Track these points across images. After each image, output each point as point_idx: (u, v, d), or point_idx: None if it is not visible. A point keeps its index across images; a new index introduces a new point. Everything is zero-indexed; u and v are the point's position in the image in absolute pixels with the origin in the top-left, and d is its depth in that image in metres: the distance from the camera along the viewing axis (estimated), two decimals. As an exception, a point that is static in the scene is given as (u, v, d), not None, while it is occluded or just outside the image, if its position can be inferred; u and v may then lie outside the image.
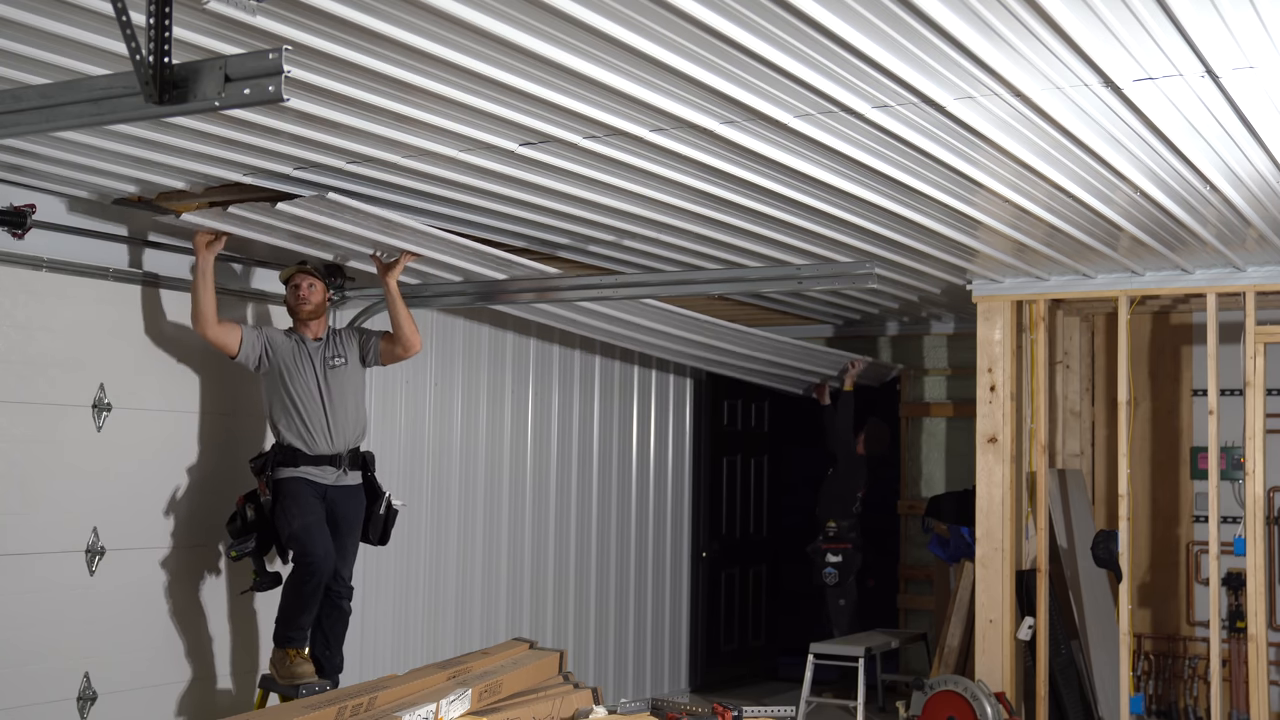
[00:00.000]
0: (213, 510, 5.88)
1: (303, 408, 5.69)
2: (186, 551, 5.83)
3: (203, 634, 5.89)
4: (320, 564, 5.56)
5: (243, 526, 5.72)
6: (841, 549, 8.86)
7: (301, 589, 5.58)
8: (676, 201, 5.29)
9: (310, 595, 5.59)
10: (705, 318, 7.51)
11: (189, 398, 5.87)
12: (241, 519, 5.73)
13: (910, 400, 9.60)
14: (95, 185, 5.12)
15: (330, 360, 5.80)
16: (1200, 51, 3.52)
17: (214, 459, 5.95)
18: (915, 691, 7.29)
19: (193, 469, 5.88)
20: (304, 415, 5.69)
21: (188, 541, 5.83)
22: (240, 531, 5.72)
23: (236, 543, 5.69)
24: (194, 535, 5.85)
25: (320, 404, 5.73)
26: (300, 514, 5.60)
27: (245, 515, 5.71)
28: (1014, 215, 5.55)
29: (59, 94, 3.05)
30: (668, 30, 3.40)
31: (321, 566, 5.57)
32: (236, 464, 5.96)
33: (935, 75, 3.73)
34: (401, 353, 5.92)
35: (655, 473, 9.09)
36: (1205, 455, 7.60)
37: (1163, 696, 8.39)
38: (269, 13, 3.25)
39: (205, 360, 5.90)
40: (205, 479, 5.91)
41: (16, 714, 5.12)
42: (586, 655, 8.34)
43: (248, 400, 6.05)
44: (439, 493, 7.17)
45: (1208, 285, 6.91)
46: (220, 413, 5.99)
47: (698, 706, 5.51)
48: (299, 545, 5.58)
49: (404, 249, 5.68)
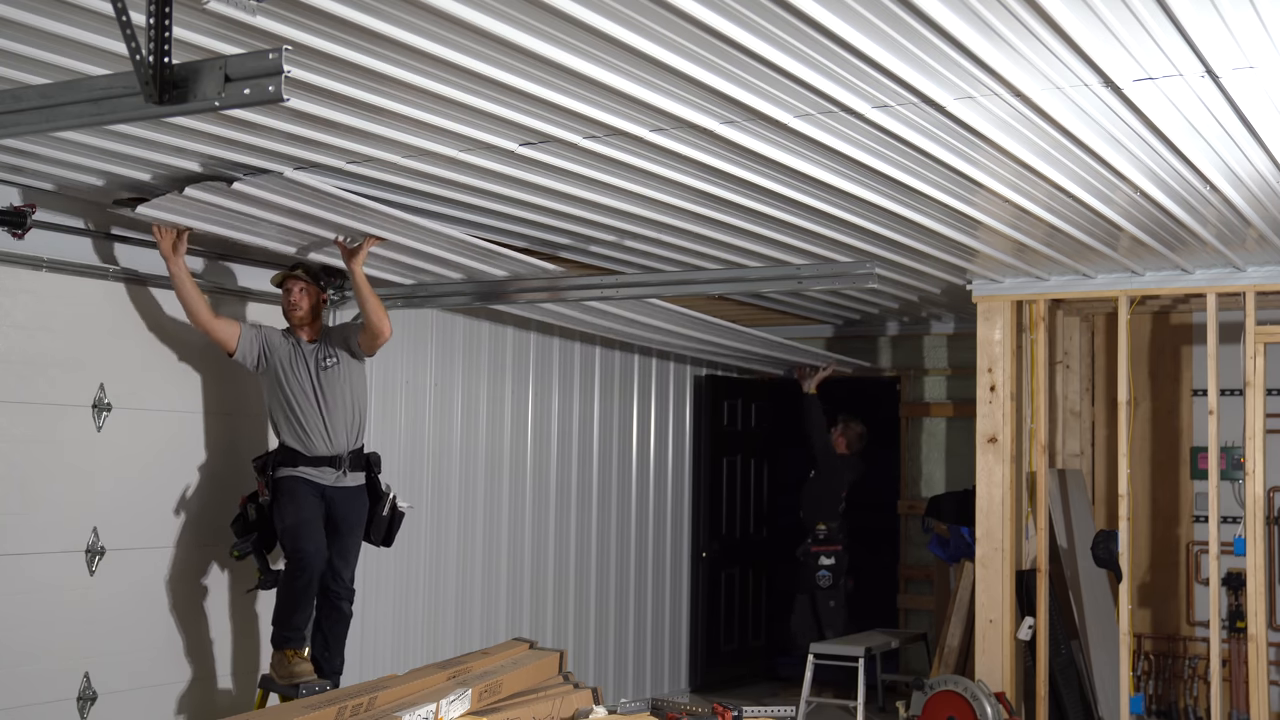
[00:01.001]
0: (213, 510, 5.88)
1: (299, 409, 5.69)
2: (186, 551, 5.83)
3: (203, 634, 5.89)
4: (310, 560, 5.56)
5: (244, 526, 5.73)
6: (833, 550, 8.85)
7: (293, 585, 5.58)
8: (676, 201, 5.29)
9: (301, 592, 5.58)
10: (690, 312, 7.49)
11: (189, 398, 5.87)
12: (243, 519, 5.75)
13: (910, 400, 9.60)
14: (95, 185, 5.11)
15: (323, 362, 5.80)
16: (1200, 51, 3.52)
17: (214, 459, 5.95)
18: (915, 691, 7.29)
19: (193, 469, 5.88)
20: (300, 417, 5.69)
21: (188, 541, 5.83)
22: (242, 531, 5.74)
23: (238, 542, 5.71)
24: (194, 535, 5.85)
25: (316, 406, 5.73)
26: (294, 510, 5.61)
27: (247, 515, 5.73)
28: (1014, 215, 5.55)
29: (59, 94, 3.06)
30: (668, 30, 3.40)
31: (312, 563, 5.56)
32: (237, 464, 5.97)
33: (935, 75, 3.73)
34: (370, 341, 5.77)
35: (655, 472, 9.09)
36: (1205, 455, 7.60)
37: (1163, 696, 8.39)
38: (269, 13, 3.25)
39: (205, 360, 5.90)
40: (205, 479, 5.91)
41: (16, 714, 5.11)
42: (586, 655, 8.33)
43: (248, 400, 6.05)
44: (439, 493, 7.17)
45: (1208, 285, 6.91)
46: (220, 413, 5.99)
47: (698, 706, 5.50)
48: (290, 540, 5.59)
49: (368, 233, 5.48)
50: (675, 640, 9.28)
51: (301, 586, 5.58)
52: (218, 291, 5.98)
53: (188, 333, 5.78)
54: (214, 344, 5.70)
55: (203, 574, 5.91)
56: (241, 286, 6.13)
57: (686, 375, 9.44)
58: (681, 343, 8.27)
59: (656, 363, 9.09)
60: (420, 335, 6.99)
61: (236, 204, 5.10)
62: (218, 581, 5.96)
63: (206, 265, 5.99)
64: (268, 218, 5.29)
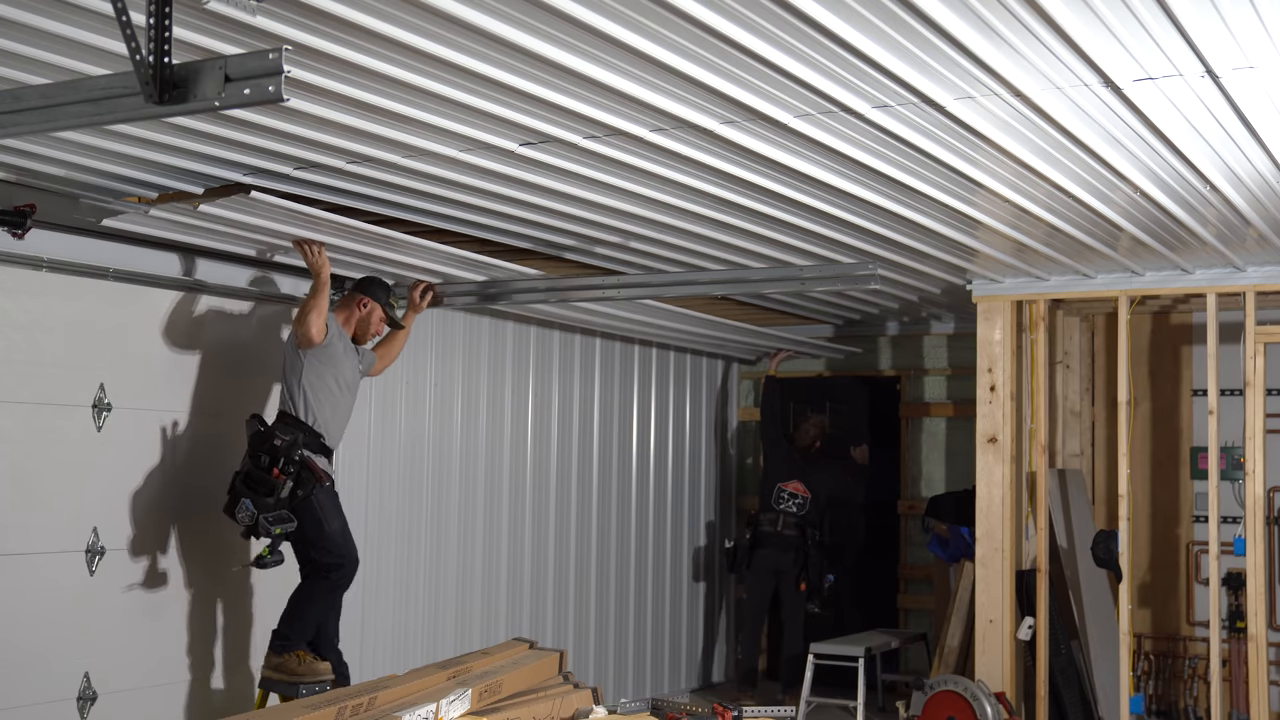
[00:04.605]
0: (213, 510, 5.87)
1: (335, 398, 5.73)
2: (186, 551, 5.83)
3: (203, 634, 5.89)
4: (354, 569, 5.62)
5: (278, 503, 5.44)
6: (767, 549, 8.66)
7: (337, 592, 5.61)
8: (677, 202, 5.28)
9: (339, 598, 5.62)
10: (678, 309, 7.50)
11: (189, 397, 5.87)
12: (276, 494, 5.44)
13: (910, 400, 9.60)
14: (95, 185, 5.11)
15: (359, 366, 5.93)
16: (1200, 51, 3.52)
17: (214, 459, 5.94)
18: (915, 691, 7.29)
19: (193, 469, 5.87)
20: (331, 407, 5.71)
21: (188, 541, 5.83)
22: (276, 506, 5.44)
23: (279, 521, 5.42)
24: (194, 535, 5.85)
25: (349, 400, 5.80)
26: (337, 513, 5.61)
27: (281, 491, 5.45)
28: (1014, 215, 5.55)
29: (59, 94, 3.06)
30: (668, 30, 3.40)
31: (354, 572, 5.63)
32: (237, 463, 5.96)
33: (935, 75, 3.73)
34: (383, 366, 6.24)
35: (655, 471, 9.09)
36: (1205, 455, 7.60)
37: (1163, 696, 8.39)
38: (269, 13, 3.25)
39: (205, 360, 5.90)
40: (205, 479, 5.90)
41: (16, 714, 5.11)
42: (586, 655, 8.34)
43: (248, 400, 6.05)
44: (439, 492, 7.17)
45: (1208, 285, 6.91)
46: (220, 413, 5.99)
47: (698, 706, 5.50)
48: (336, 548, 5.56)
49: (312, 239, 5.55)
50: (675, 640, 9.28)
51: (341, 593, 5.60)
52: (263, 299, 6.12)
53: (188, 333, 5.78)
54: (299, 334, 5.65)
55: (203, 574, 5.91)
56: (285, 294, 6.28)
57: (686, 364, 9.44)
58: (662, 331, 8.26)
59: (656, 352, 9.09)
60: (420, 334, 6.99)
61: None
62: (218, 581, 5.96)
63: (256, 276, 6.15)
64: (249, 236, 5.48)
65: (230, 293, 6.03)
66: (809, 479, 8.71)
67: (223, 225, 5.31)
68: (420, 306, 6.19)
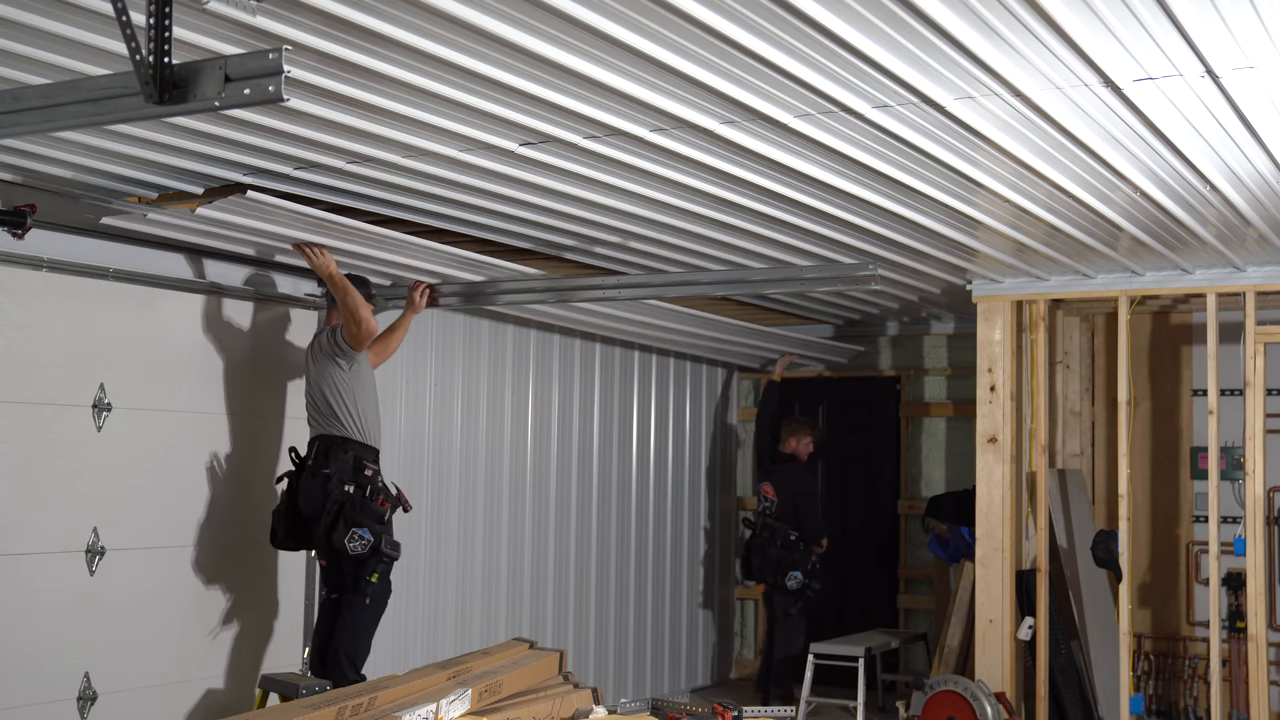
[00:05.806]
0: (213, 510, 5.88)
1: (376, 401, 5.80)
2: (187, 551, 5.83)
3: (203, 634, 5.89)
4: None
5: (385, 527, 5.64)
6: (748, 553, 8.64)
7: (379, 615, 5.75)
8: (677, 202, 5.29)
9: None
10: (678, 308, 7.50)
11: (189, 397, 5.86)
12: (385, 520, 5.65)
13: (910, 400, 9.60)
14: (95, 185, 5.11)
15: None
16: (1200, 51, 3.52)
17: (214, 459, 5.94)
18: (915, 691, 7.29)
19: (193, 469, 5.87)
20: (377, 410, 5.79)
21: (188, 541, 5.83)
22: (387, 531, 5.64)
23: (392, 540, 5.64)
24: (194, 535, 5.85)
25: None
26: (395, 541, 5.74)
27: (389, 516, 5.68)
28: (1014, 215, 5.55)
29: (59, 94, 3.06)
30: (668, 30, 3.40)
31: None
32: (237, 464, 5.97)
33: (935, 75, 3.73)
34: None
35: (655, 474, 9.08)
36: (1205, 455, 7.60)
37: (1163, 696, 8.39)
38: (269, 13, 3.25)
39: (205, 360, 5.90)
40: (205, 479, 5.90)
41: (16, 714, 5.11)
42: (586, 655, 8.33)
43: (247, 401, 6.05)
44: (439, 492, 7.17)
45: (1208, 285, 6.91)
46: (220, 412, 5.98)
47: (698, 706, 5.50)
48: (389, 565, 5.69)
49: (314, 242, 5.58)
50: (675, 640, 9.28)
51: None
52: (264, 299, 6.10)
53: (187, 333, 5.77)
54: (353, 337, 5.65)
55: (203, 574, 5.91)
56: (282, 293, 6.25)
57: (687, 371, 9.44)
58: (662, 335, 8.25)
59: (656, 359, 9.10)
60: (421, 334, 6.99)
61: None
62: (218, 581, 5.96)
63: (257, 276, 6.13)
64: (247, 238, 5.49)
65: (231, 292, 6.03)
66: (774, 479, 8.68)
67: (222, 228, 5.31)
68: (419, 306, 6.17)
